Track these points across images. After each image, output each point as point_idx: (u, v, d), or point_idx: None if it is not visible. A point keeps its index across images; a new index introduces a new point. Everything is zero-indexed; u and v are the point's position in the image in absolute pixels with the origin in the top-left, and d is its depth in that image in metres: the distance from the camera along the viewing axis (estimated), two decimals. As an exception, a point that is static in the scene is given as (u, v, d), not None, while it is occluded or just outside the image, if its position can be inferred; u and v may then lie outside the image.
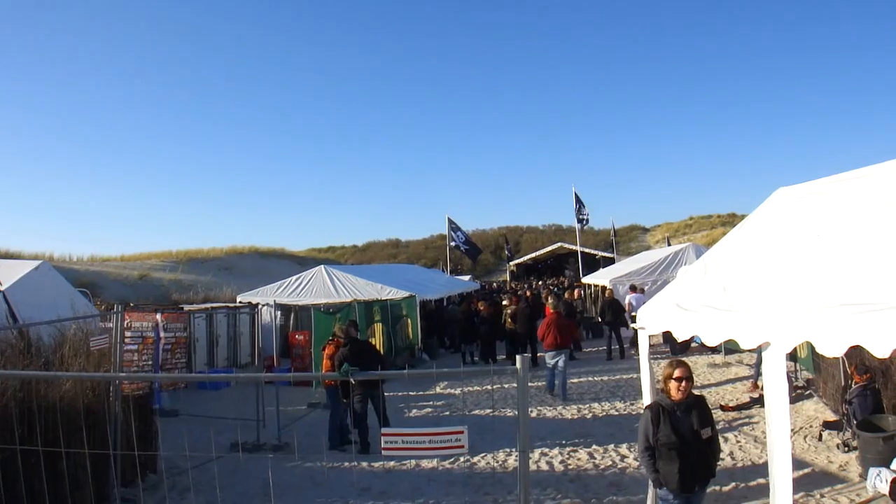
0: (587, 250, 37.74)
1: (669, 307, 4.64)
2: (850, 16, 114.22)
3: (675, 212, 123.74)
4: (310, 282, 16.18)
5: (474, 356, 15.65)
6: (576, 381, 11.78)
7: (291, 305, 15.73)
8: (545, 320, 11.30)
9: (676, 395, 3.99)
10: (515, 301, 16.57)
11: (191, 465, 6.52)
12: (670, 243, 34.74)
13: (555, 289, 27.40)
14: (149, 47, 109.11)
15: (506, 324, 14.69)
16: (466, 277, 33.94)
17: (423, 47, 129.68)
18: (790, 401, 4.94)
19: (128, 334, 6.53)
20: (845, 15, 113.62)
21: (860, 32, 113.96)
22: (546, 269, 51.82)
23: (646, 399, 5.12)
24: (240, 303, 16.75)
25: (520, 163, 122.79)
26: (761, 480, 5.66)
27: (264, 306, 14.23)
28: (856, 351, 3.12)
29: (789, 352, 3.48)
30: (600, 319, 16.31)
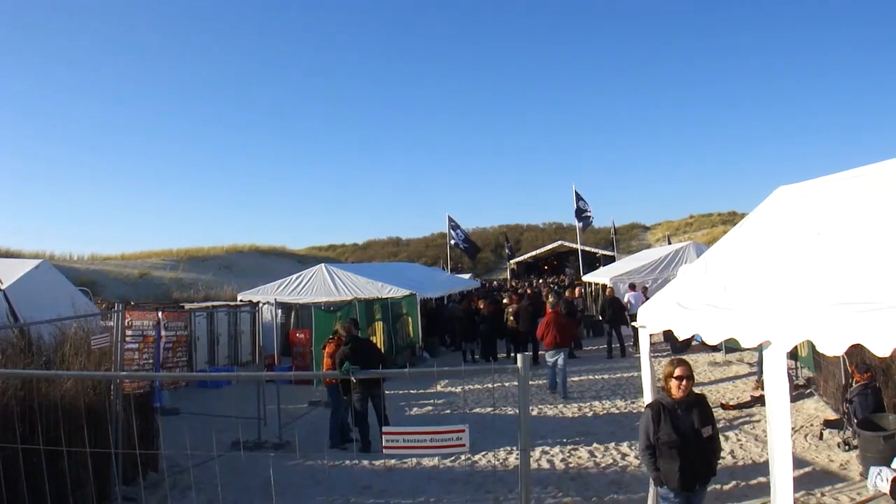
0: (588, 248, 37.73)
1: (670, 306, 4.63)
2: (850, 15, 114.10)
3: (676, 210, 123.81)
4: (310, 280, 16.19)
5: (475, 354, 15.63)
6: (576, 379, 11.78)
7: (292, 304, 15.73)
8: (544, 319, 11.31)
9: (677, 393, 4.00)
10: (516, 300, 16.55)
11: (192, 464, 6.52)
12: (671, 242, 34.75)
13: (555, 287, 27.39)
14: (148, 47, 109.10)
15: (507, 322, 14.69)
16: (467, 276, 33.96)
17: (424, 47, 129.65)
18: (791, 399, 4.94)
19: (128, 333, 6.52)
20: (845, 14, 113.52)
21: (860, 32, 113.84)
22: (546, 266, 51.81)
23: (647, 397, 5.12)
24: (240, 301, 16.76)
25: (520, 161, 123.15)
26: (762, 479, 5.66)
27: (265, 304, 14.24)
28: (856, 349, 3.12)
29: (790, 350, 3.48)
30: (601, 318, 16.32)
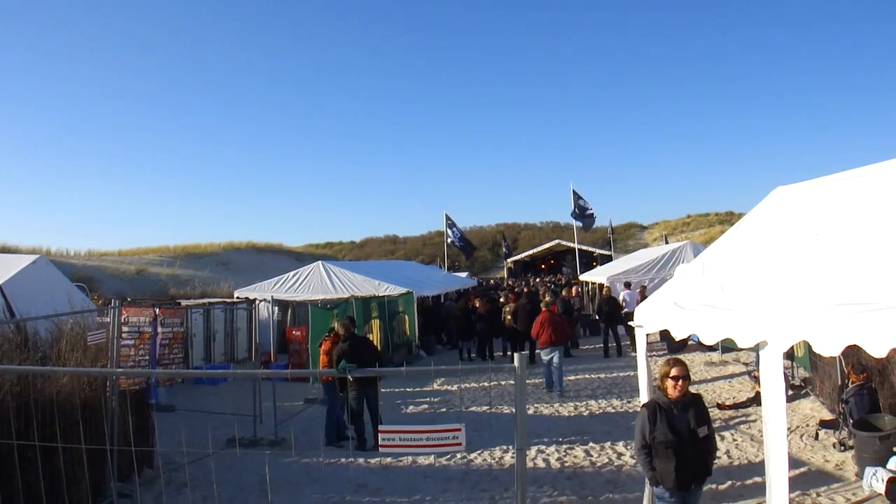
0: (585, 248, 37.76)
1: (667, 305, 4.64)
2: (850, 15, 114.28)
3: (673, 210, 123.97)
4: (307, 277, 16.18)
5: (471, 353, 15.64)
6: (573, 378, 11.80)
7: (289, 301, 15.72)
8: (539, 318, 11.30)
9: (673, 393, 4.00)
10: (514, 299, 16.54)
11: (187, 461, 6.51)
12: (668, 241, 34.80)
13: (552, 286, 27.39)
14: (146, 43, 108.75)
15: (506, 321, 14.68)
16: (464, 274, 34.00)
17: (421, 44, 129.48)
18: (787, 399, 4.95)
19: (125, 329, 6.52)
20: (845, 14, 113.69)
21: (860, 31, 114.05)
22: (544, 265, 51.83)
23: (643, 397, 5.12)
24: (237, 298, 16.73)
25: (518, 160, 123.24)
26: (758, 479, 5.68)
27: (261, 302, 14.24)
28: (853, 350, 3.12)
29: (786, 350, 3.48)
30: (597, 317, 16.33)
